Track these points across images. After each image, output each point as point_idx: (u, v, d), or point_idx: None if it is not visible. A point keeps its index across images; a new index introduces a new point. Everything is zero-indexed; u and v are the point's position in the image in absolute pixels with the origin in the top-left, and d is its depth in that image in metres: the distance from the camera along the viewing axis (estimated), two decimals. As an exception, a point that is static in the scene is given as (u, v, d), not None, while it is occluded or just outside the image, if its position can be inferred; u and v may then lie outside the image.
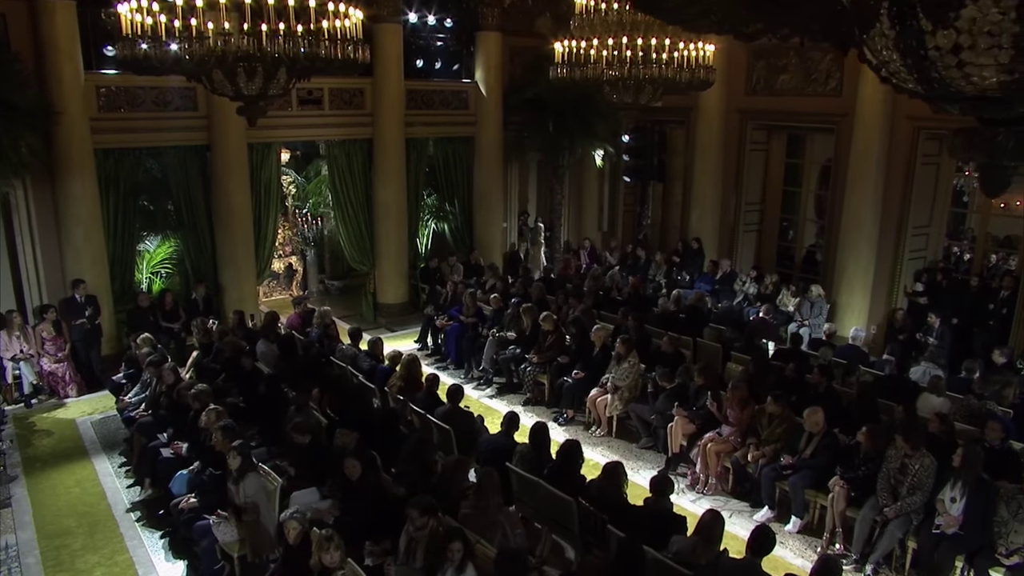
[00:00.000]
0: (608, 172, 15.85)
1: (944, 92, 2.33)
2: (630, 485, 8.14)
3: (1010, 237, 14.42)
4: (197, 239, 11.83)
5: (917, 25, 2.16)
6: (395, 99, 12.78)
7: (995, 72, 2.11)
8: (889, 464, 6.95)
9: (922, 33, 2.17)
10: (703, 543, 5.57)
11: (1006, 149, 2.30)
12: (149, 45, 6.50)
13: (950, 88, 2.28)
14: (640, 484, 8.31)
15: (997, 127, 2.36)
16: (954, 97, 2.34)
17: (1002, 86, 2.15)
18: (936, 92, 2.36)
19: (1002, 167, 2.41)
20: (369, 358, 9.36)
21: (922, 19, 2.12)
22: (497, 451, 7.23)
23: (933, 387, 8.58)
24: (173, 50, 6.52)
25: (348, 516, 6.56)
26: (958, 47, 2.10)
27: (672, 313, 10.95)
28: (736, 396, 8.09)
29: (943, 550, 6.53)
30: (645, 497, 6.24)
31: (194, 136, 11.29)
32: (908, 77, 2.38)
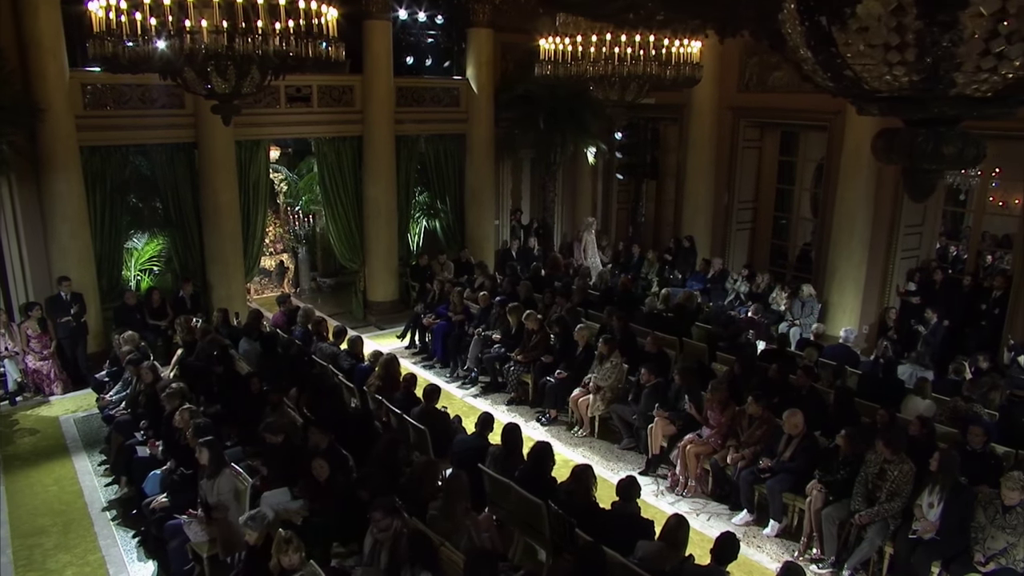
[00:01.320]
0: (601, 169, 15.74)
1: (859, 91, 2.24)
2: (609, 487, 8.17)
3: (1009, 236, 14.22)
4: (185, 237, 11.82)
5: (822, 21, 2.07)
6: (384, 96, 12.71)
7: (904, 71, 2.02)
8: (868, 469, 6.86)
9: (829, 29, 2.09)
10: (668, 548, 5.50)
11: (926, 152, 2.21)
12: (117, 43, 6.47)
13: (863, 87, 2.20)
14: (619, 485, 8.26)
15: (918, 128, 2.27)
16: (870, 96, 2.26)
17: (912, 85, 2.07)
18: (851, 91, 2.28)
19: (925, 171, 2.32)
20: (350, 357, 9.32)
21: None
22: (470, 452, 7.17)
23: (919, 389, 8.45)
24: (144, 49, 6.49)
25: (317, 517, 6.55)
26: (866, 44, 2.02)
27: (660, 312, 10.85)
28: (716, 398, 7.99)
29: (919, 556, 6.44)
30: (612, 501, 6.16)
31: (181, 133, 11.26)
32: (823, 75, 2.30)
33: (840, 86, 2.28)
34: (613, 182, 16.02)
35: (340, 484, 6.57)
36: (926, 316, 10.86)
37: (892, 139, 2.31)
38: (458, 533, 5.93)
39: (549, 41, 9.59)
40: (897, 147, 2.27)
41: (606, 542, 5.66)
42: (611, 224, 16.24)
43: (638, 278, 13.53)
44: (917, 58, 1.95)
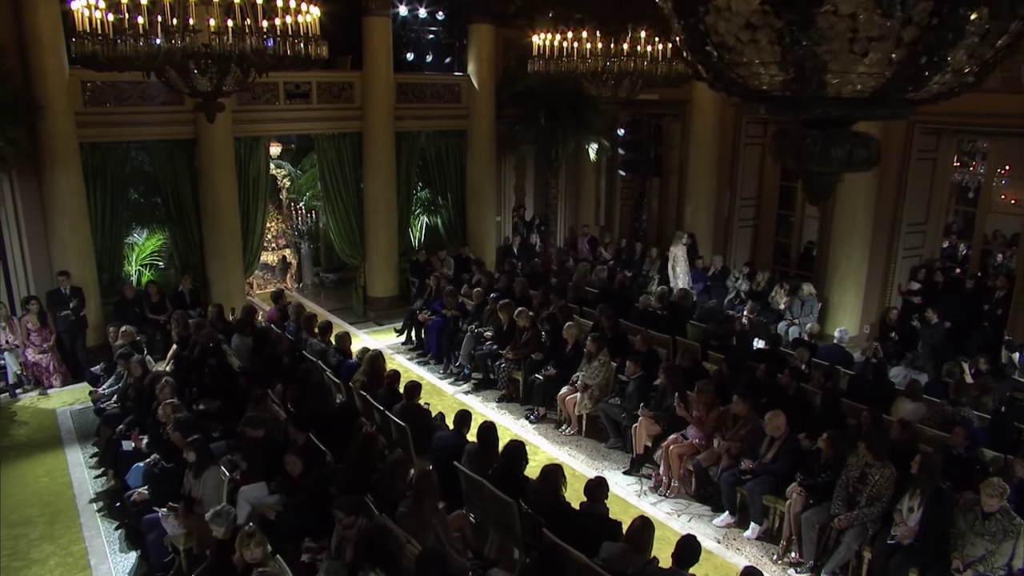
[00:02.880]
0: (605, 166, 15.65)
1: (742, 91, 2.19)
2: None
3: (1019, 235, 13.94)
4: (185, 232, 11.94)
5: (694, 19, 2.02)
6: (384, 93, 12.73)
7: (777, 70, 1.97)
8: (849, 472, 6.77)
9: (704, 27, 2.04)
10: (631, 550, 5.45)
11: (813, 153, 2.15)
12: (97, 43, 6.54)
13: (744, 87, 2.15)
14: (602, 485, 8.22)
15: (808, 129, 2.21)
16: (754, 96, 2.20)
17: (785, 86, 2.02)
18: (734, 90, 2.23)
19: (820, 173, 2.26)
20: (338, 353, 9.36)
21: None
22: (448, 449, 7.18)
23: (909, 391, 8.31)
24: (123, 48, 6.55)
25: (290, 512, 6.59)
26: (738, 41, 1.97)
27: (655, 310, 10.77)
28: (702, 398, 7.92)
29: (897, 561, 6.34)
30: (581, 501, 6.12)
31: (180, 130, 11.35)
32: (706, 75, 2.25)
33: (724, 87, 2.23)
34: (616, 179, 15.91)
35: (313, 480, 6.61)
36: (926, 316, 10.68)
37: (783, 140, 2.25)
38: (425, 531, 5.93)
39: (541, 37, 9.55)
40: (787, 148, 2.22)
41: (573, 542, 5.64)
42: (614, 221, 16.14)
43: (639, 276, 13.44)
44: (783, 57, 1.90)
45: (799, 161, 2.17)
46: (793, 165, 2.27)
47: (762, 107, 2.26)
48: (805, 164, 2.16)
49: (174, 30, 6.42)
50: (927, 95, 2.02)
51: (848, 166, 2.13)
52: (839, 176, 2.24)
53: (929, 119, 10.98)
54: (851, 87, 1.93)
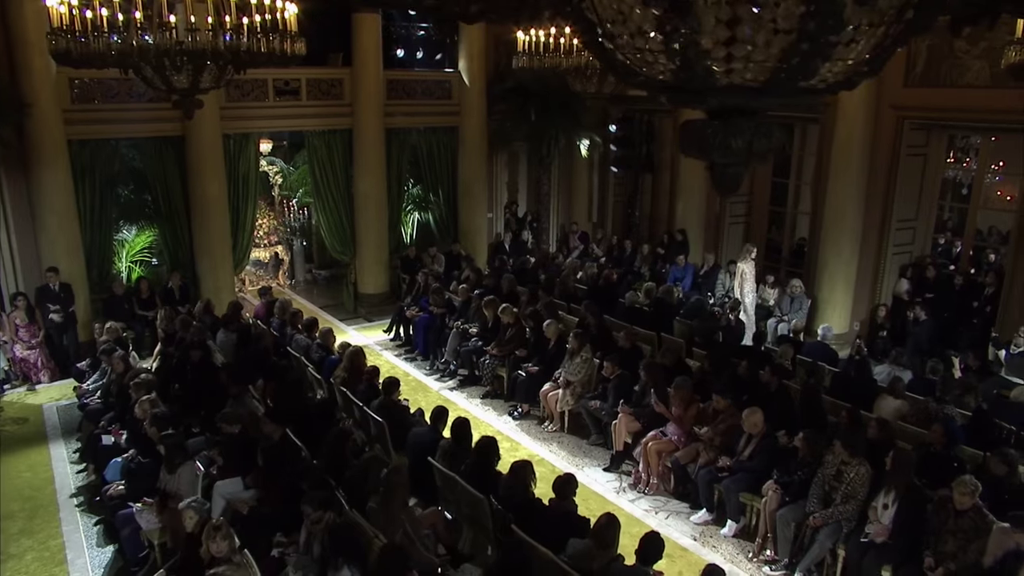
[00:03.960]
0: (597, 163, 15.60)
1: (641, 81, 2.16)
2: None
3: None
4: (174, 229, 11.97)
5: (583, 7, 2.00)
6: (374, 89, 12.73)
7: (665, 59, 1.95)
8: (825, 470, 6.74)
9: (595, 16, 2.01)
10: (596, 547, 5.44)
11: (714, 144, 2.12)
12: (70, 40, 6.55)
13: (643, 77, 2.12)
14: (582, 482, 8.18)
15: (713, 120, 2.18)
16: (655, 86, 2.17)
17: (674, 75, 1.99)
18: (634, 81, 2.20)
19: (725, 164, 2.23)
20: (320, 349, 9.38)
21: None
22: (424, 445, 7.18)
23: (891, 389, 8.26)
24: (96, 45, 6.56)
25: (263, 507, 6.61)
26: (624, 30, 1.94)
27: (641, 307, 10.74)
28: (679, 395, 7.89)
29: (870, 559, 6.32)
30: (550, 498, 6.11)
31: (168, 127, 11.37)
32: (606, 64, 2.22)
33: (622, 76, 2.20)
34: (609, 176, 15.85)
35: (285, 475, 6.62)
36: (915, 313, 10.60)
37: (686, 132, 2.23)
38: (393, 527, 5.93)
39: (525, 33, 9.52)
40: (691, 140, 2.19)
41: (541, 539, 5.64)
42: (607, 218, 16.09)
43: (631, 272, 13.40)
44: (665, 46, 1.88)
45: (702, 152, 2.14)
46: (697, 157, 2.24)
47: (663, 97, 2.23)
48: (707, 155, 2.13)
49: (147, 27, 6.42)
50: (823, 84, 1.99)
51: (749, 157, 2.10)
52: (744, 167, 2.21)
53: (919, 115, 10.92)
54: (740, 76, 1.90)
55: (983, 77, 9.85)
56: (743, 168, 2.21)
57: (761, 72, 1.89)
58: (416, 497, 7.04)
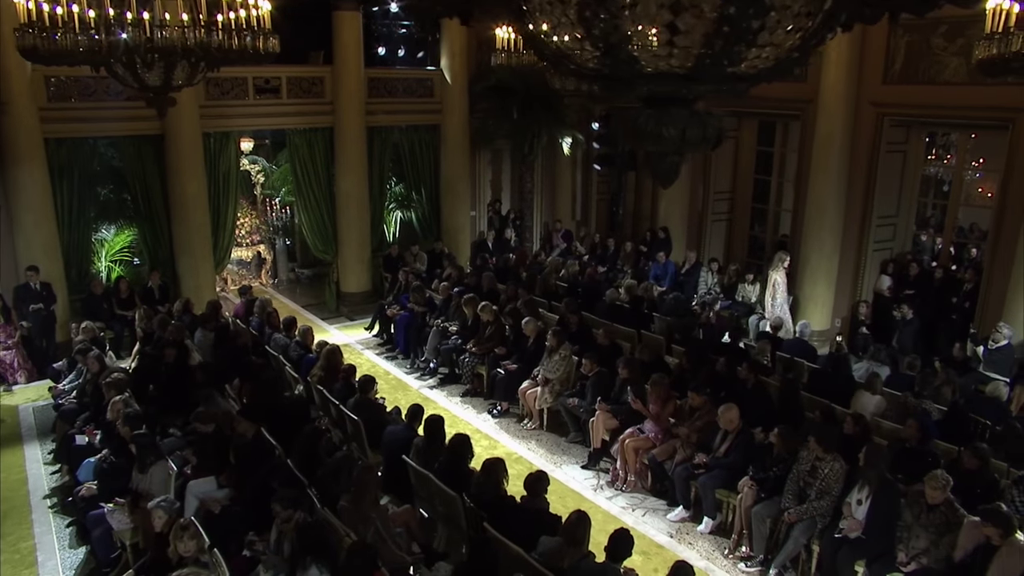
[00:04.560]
0: (581, 161, 15.59)
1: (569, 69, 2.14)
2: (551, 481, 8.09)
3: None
4: (154, 228, 11.90)
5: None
6: (355, 87, 12.68)
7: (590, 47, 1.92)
8: (800, 466, 6.73)
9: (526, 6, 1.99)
10: (566, 544, 5.41)
11: (647, 133, 2.10)
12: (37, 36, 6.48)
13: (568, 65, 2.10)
14: (559, 480, 8.18)
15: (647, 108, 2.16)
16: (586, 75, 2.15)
17: (599, 62, 1.97)
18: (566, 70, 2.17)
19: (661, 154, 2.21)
20: (299, 347, 9.33)
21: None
22: (399, 444, 7.14)
23: (869, 384, 8.27)
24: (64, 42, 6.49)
25: (237, 506, 6.57)
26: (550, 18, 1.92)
27: (621, 304, 10.73)
28: (656, 392, 7.88)
29: (844, 555, 6.32)
30: (522, 496, 6.08)
31: (147, 126, 11.27)
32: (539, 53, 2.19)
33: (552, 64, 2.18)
34: (592, 173, 15.84)
35: (258, 474, 6.58)
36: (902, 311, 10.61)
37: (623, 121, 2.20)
38: (364, 525, 5.90)
39: (504, 30, 9.50)
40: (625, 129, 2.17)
41: (513, 536, 5.61)
42: (591, 216, 16.07)
43: (614, 270, 13.40)
44: (587, 32, 1.85)
45: (634, 141, 2.12)
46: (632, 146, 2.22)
47: (595, 86, 2.21)
48: (640, 144, 2.10)
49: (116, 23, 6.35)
50: (753, 71, 1.97)
51: (682, 146, 2.08)
52: (680, 157, 2.19)
53: (898, 112, 10.94)
54: (665, 63, 1.88)
55: (960, 74, 9.88)
56: (680, 158, 2.19)
57: (686, 58, 1.87)
58: (392, 495, 7.03)
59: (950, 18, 9.84)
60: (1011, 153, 9.83)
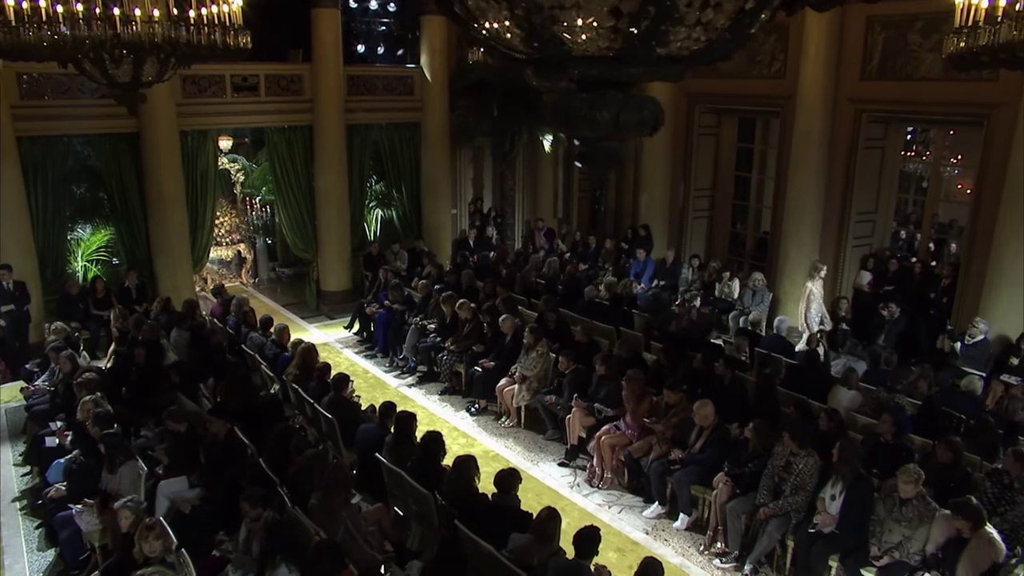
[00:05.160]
0: (562, 158, 15.56)
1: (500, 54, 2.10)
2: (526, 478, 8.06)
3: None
4: (131, 227, 11.79)
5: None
6: (334, 85, 12.61)
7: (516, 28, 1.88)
8: (775, 461, 6.72)
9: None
10: (537, 542, 5.38)
11: (579, 117, 2.06)
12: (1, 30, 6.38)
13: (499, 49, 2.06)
14: (536, 477, 8.15)
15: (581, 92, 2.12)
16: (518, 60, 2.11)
17: (524, 44, 1.93)
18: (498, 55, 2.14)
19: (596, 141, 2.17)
20: (275, 346, 9.26)
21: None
22: (371, 442, 7.09)
23: (844, 379, 8.27)
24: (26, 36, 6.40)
25: (207, 506, 6.50)
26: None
27: (601, 301, 10.71)
28: (631, 388, 7.85)
29: (817, 550, 6.31)
30: (493, 493, 6.04)
31: (123, 123, 11.13)
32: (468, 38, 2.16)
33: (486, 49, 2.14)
34: (574, 171, 15.83)
35: (228, 473, 6.52)
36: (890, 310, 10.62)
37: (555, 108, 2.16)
38: (334, 524, 5.85)
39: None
40: (558, 114, 2.12)
41: (484, 533, 5.58)
42: (572, 213, 16.06)
43: (595, 267, 13.38)
44: (512, 13, 1.82)
45: (568, 126, 2.08)
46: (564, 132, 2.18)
47: (528, 71, 2.17)
48: (573, 129, 2.07)
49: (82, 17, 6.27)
50: (685, 52, 1.93)
51: (618, 130, 2.04)
52: (619, 144, 2.15)
53: (876, 108, 10.97)
54: (593, 44, 1.84)
55: (936, 70, 9.90)
56: (618, 144, 2.15)
57: (614, 40, 1.83)
58: (366, 494, 6.97)
59: (926, 14, 9.88)
60: (986, 149, 9.87)
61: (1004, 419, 7.60)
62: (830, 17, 10.81)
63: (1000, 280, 9.45)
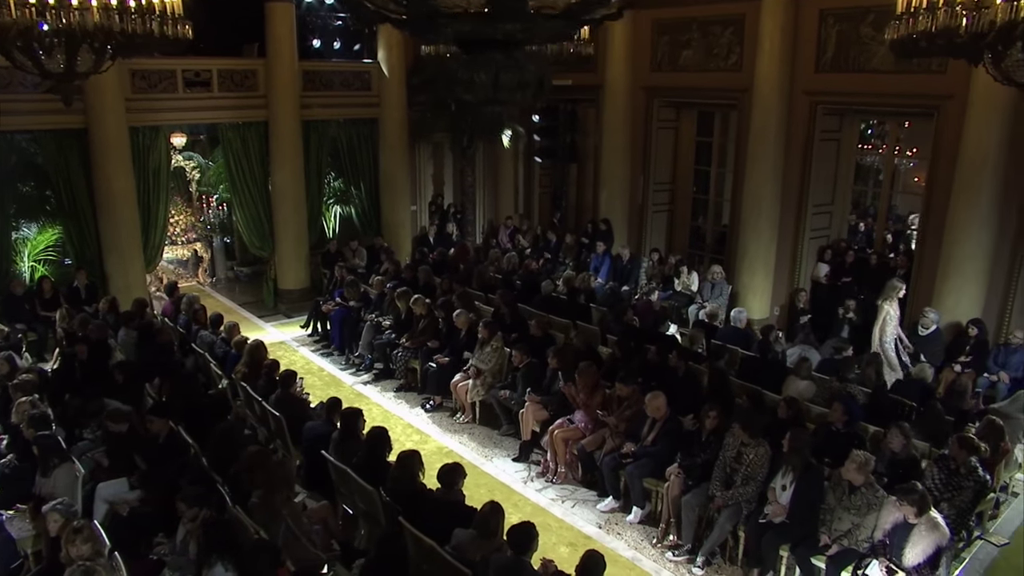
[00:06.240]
0: (523, 154, 15.50)
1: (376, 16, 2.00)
2: (480, 475, 7.98)
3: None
4: (79, 226, 11.47)
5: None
6: (289, 81, 12.40)
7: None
8: (726, 452, 6.69)
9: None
10: (479, 537, 5.27)
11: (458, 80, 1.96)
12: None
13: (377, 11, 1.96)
14: (489, 473, 8.05)
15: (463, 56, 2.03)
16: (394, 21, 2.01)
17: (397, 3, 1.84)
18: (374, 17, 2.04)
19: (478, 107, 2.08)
20: (224, 344, 9.08)
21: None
22: (319, 439, 6.96)
23: (797, 369, 8.27)
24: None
25: (146, 507, 6.33)
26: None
27: (558, 296, 10.65)
28: (584, 381, 7.78)
29: (768, 540, 6.28)
30: (436, 488, 5.93)
31: (69, 119, 10.80)
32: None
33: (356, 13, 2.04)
34: (534, 167, 15.76)
35: (168, 473, 6.35)
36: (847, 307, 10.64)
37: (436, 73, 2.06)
38: (276, 522, 5.71)
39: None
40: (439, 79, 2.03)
41: (428, 530, 5.46)
42: (534, 209, 15.99)
43: (555, 262, 13.32)
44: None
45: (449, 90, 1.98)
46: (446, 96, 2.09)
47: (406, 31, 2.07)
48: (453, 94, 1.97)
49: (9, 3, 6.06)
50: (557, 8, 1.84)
51: (497, 93, 1.95)
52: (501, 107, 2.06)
53: (831, 100, 11.00)
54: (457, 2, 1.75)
55: (888, 62, 9.93)
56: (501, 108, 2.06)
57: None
58: (315, 492, 6.83)
59: (877, 7, 9.91)
60: (936, 140, 9.94)
61: (955, 406, 7.66)
62: (784, 10, 10.84)
63: (952, 270, 9.52)
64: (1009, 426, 7.32)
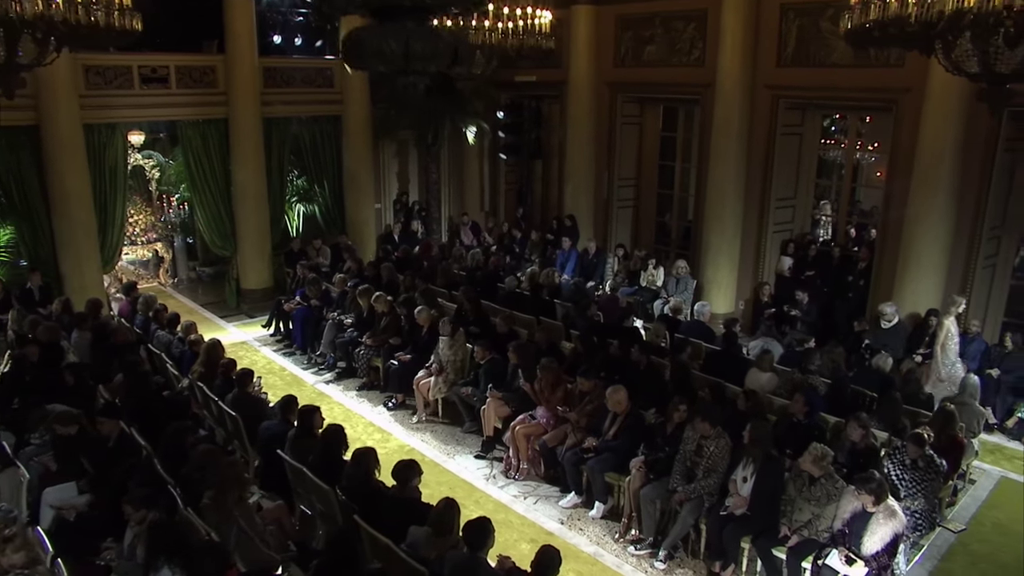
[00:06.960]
0: (488, 150, 15.41)
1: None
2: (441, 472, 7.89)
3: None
4: (32, 225, 11.21)
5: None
6: (249, 77, 12.20)
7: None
8: (686, 445, 6.66)
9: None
10: (435, 534, 5.18)
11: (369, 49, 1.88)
12: None
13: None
14: (451, 470, 7.96)
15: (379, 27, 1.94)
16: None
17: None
18: None
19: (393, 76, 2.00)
20: (181, 344, 8.90)
21: None
22: (273, 438, 6.83)
23: (759, 362, 8.29)
24: None
25: (94, 512, 6.15)
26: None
27: (521, 292, 10.59)
28: (546, 376, 7.72)
29: (729, 532, 6.27)
30: (392, 485, 5.83)
31: (19, 116, 10.55)
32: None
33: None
34: (499, 163, 15.69)
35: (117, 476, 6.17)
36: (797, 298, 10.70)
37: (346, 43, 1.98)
38: (227, 523, 5.57)
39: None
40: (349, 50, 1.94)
41: (384, 528, 5.37)
42: (499, 206, 15.91)
43: (521, 259, 13.25)
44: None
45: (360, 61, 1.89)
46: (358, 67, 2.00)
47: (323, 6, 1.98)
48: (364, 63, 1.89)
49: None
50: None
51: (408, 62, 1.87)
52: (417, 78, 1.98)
53: (793, 94, 11.06)
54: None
55: (847, 56, 9.99)
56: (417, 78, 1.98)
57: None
58: (272, 492, 6.70)
59: (836, 2, 9.95)
60: (895, 134, 10.03)
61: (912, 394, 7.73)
62: (746, 5, 10.88)
63: (912, 262, 9.61)
64: (965, 413, 7.40)
